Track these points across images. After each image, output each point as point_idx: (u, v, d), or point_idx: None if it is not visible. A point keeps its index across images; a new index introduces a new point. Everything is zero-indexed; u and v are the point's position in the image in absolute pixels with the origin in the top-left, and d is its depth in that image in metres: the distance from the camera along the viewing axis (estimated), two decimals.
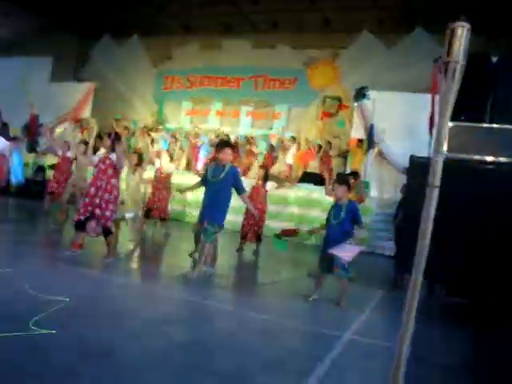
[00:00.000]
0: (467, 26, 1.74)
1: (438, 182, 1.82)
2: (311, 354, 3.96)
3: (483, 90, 6.42)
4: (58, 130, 16.30)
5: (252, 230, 9.05)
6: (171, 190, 10.10)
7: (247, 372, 3.41)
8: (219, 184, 6.17)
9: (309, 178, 13.30)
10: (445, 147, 1.85)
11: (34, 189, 14.15)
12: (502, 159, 6.17)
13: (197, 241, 6.65)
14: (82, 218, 6.40)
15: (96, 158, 6.76)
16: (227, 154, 6.25)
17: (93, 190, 6.43)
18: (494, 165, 6.20)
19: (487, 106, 6.35)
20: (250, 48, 17.59)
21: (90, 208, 6.38)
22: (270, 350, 3.94)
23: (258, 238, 9.15)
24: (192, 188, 7.00)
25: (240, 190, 6.38)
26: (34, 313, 3.83)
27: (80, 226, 6.47)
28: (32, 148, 16.92)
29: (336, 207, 5.91)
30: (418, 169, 6.87)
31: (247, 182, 9.22)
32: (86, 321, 4.00)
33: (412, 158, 7.16)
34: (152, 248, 9.29)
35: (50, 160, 13.73)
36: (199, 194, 7.12)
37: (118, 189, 6.61)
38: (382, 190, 13.14)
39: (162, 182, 9.93)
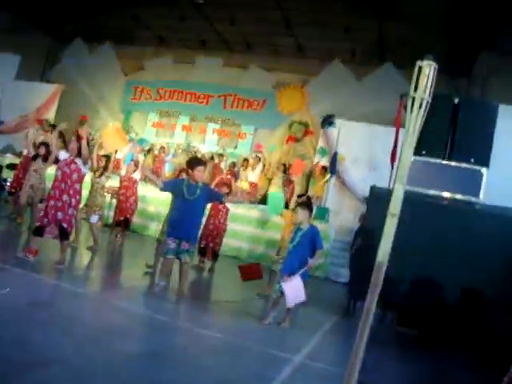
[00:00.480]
0: (434, 64, 1.82)
1: (398, 210, 1.88)
2: (262, 375, 3.95)
3: (444, 129, 6.66)
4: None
5: (209, 246, 9.03)
6: (137, 198, 10.01)
7: None
8: (195, 202, 6.11)
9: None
10: (406, 176, 1.91)
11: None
12: (458, 196, 6.40)
13: (158, 254, 6.63)
14: (45, 222, 6.29)
15: (62, 155, 6.65)
16: (200, 172, 6.23)
17: (57, 192, 6.32)
18: (450, 200, 6.43)
19: (447, 143, 6.58)
20: (221, 66, 17.69)
21: (52, 211, 6.27)
22: (222, 369, 3.92)
23: (215, 256, 9.11)
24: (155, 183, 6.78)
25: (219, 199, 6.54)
26: None
27: (39, 231, 6.35)
28: None
29: (296, 231, 5.96)
30: (377, 199, 7.01)
31: None
32: (30, 326, 3.89)
33: (373, 188, 7.32)
34: (109, 257, 9.09)
35: (9, 160, 13.41)
36: (160, 208, 7.15)
37: (80, 195, 6.54)
38: (341, 217, 13.31)
39: (130, 188, 9.85)
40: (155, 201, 11.77)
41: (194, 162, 6.54)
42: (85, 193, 7.64)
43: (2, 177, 12.43)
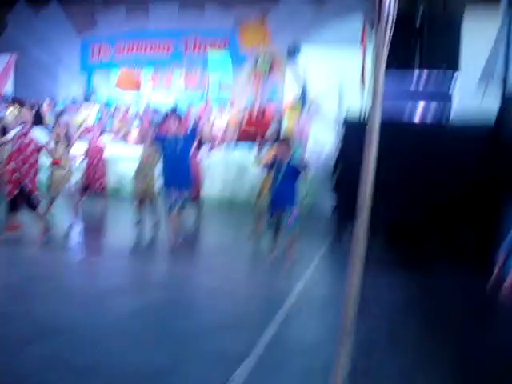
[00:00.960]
0: None
1: (376, 131, 1.89)
2: (266, 308, 4.10)
3: (410, 41, 6.64)
4: None
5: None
6: (105, 162, 9.83)
7: (205, 331, 3.48)
8: (181, 154, 6.25)
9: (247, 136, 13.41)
10: (380, 96, 1.91)
11: None
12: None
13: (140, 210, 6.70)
14: (16, 192, 6.21)
15: (10, 135, 6.50)
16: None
17: (13, 164, 6.22)
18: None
19: (415, 53, 6.58)
20: (177, 10, 17.09)
21: (10, 186, 6.21)
22: (226, 310, 4.03)
23: (198, 203, 9.12)
24: None
25: None
26: None
27: (13, 206, 6.29)
28: None
29: (279, 165, 6.00)
30: (351, 125, 7.08)
31: None
32: (34, 298, 3.93)
33: (347, 114, 7.38)
34: (92, 223, 9.08)
35: None
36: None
37: (38, 163, 6.45)
38: (320, 145, 13.35)
39: (95, 156, 9.63)
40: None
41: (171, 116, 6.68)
42: None
43: None
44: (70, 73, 18.46)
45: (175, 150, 6.15)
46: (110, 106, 15.93)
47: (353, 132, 6.99)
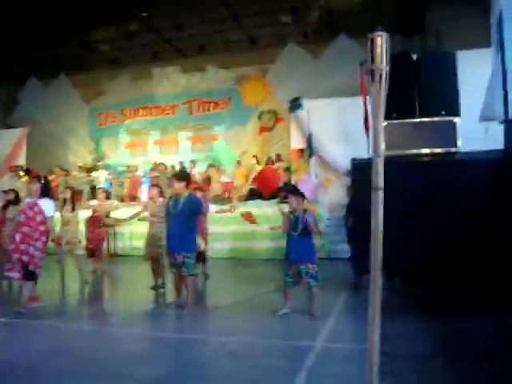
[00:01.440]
0: (385, 34, 1.84)
1: (381, 183, 1.89)
2: (286, 369, 3.96)
3: (408, 87, 6.70)
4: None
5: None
6: (104, 227, 9.64)
7: None
8: (178, 215, 6.17)
9: (255, 193, 13.48)
10: (383, 147, 1.93)
11: None
12: (437, 150, 6.48)
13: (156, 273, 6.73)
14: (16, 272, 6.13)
15: (23, 205, 6.55)
16: (175, 185, 6.31)
17: (18, 237, 6.15)
18: (430, 156, 6.51)
19: (415, 101, 6.62)
20: (179, 73, 17.63)
21: (17, 255, 6.10)
22: (245, 372, 3.92)
23: (204, 261, 9.02)
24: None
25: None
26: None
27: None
28: None
29: (296, 219, 5.96)
30: (360, 170, 7.06)
31: None
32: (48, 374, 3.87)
33: (353, 162, 7.36)
34: (102, 287, 9.02)
35: None
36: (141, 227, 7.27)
37: (46, 235, 6.33)
38: (329, 194, 13.38)
39: (95, 222, 9.52)
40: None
41: (172, 177, 6.68)
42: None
43: None
44: (80, 140, 18.90)
45: (175, 211, 6.18)
46: (119, 171, 16.14)
47: (361, 180, 6.97)
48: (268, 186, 13.50)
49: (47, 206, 6.32)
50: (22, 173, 16.26)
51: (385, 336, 2.23)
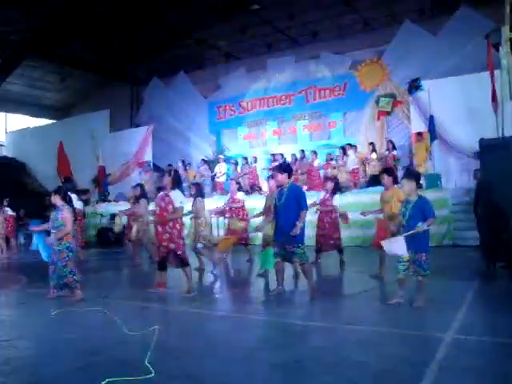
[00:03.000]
0: None
1: None
2: (416, 361, 3.82)
3: None
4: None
5: (327, 242, 8.89)
6: (247, 216, 10.01)
7: None
8: (284, 205, 6.22)
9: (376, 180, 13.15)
10: None
11: (112, 236, 14.78)
12: None
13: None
14: (163, 256, 6.66)
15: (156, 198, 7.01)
16: (277, 177, 6.43)
17: (160, 228, 6.63)
18: None
19: None
20: (294, 62, 17.62)
21: (164, 244, 6.57)
22: (376, 361, 3.84)
23: (339, 250, 8.97)
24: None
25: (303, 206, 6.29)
26: (137, 353, 3.95)
27: (161, 265, 6.73)
28: (103, 198, 17.69)
29: (406, 204, 5.72)
30: (490, 151, 6.62)
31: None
32: (190, 356, 4.07)
33: (482, 142, 6.90)
34: (232, 276, 9.33)
35: (123, 207, 14.22)
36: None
37: (179, 224, 6.69)
38: (454, 179, 12.72)
39: (236, 212, 9.89)
40: None
41: (273, 170, 6.75)
42: None
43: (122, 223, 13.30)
44: (201, 134, 19.70)
45: (279, 204, 6.27)
46: (239, 162, 16.54)
47: (492, 161, 6.52)
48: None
49: (177, 196, 6.65)
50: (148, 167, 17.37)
51: None
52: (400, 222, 5.85)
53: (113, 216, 15.52)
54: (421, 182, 6.51)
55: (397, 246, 5.51)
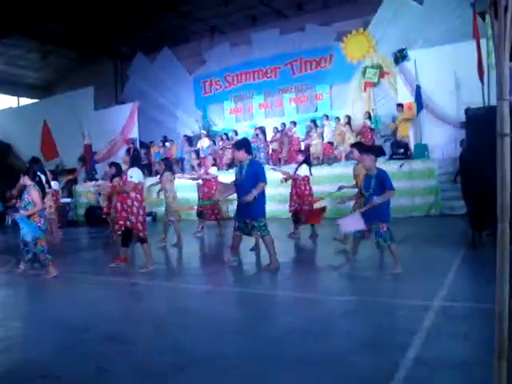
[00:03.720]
0: None
1: (507, 129, 1.72)
2: (404, 328, 3.87)
3: None
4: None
5: (302, 214, 9.03)
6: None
7: (345, 354, 3.36)
8: (243, 181, 6.31)
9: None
10: (507, 90, 1.74)
11: (100, 214, 14.68)
12: None
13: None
14: (119, 233, 6.86)
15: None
16: (234, 153, 6.64)
17: (119, 205, 6.83)
18: None
19: None
20: (279, 35, 17.41)
21: (121, 222, 6.74)
22: (362, 330, 3.88)
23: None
24: None
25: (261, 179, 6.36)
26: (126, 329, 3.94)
27: (122, 241, 6.92)
28: (91, 176, 17.54)
29: (366, 179, 5.80)
30: (476, 121, 6.60)
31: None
32: (172, 329, 4.08)
33: (468, 111, 6.88)
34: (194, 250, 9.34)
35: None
36: None
37: (138, 201, 6.77)
38: (440, 149, 12.74)
39: (208, 185, 10.04)
40: None
41: (233, 145, 6.97)
42: None
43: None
44: (187, 110, 19.53)
45: (239, 179, 6.40)
46: (227, 136, 16.42)
47: (478, 130, 6.51)
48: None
49: (133, 172, 6.75)
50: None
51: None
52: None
53: (99, 194, 15.45)
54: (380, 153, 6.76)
55: (352, 222, 5.68)
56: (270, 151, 15.42)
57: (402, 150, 12.36)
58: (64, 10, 16.00)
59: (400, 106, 13.48)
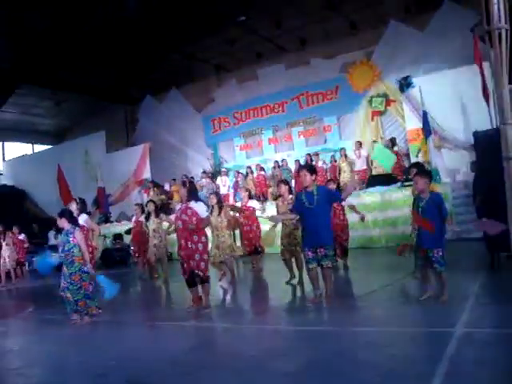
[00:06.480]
0: None
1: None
2: (427, 357, 3.80)
3: None
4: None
5: (337, 244, 8.76)
6: (259, 223, 9.77)
7: None
8: (316, 207, 5.97)
9: (376, 180, 13.19)
10: (509, 114, 1.77)
11: (116, 256, 14.75)
12: None
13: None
14: (186, 272, 6.32)
15: (172, 216, 6.76)
16: (305, 177, 6.10)
17: (182, 242, 6.28)
18: None
19: None
20: (284, 70, 17.69)
21: (185, 260, 6.26)
22: (384, 361, 3.82)
23: (345, 252, 8.96)
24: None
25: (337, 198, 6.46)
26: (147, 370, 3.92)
27: (189, 282, 6.40)
28: (105, 219, 17.67)
29: (418, 201, 5.67)
30: (484, 143, 6.60)
31: None
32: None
33: (476, 134, 6.89)
34: (250, 286, 9.18)
35: (125, 227, 14.23)
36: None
37: (205, 236, 6.40)
38: (452, 173, 12.70)
39: (250, 218, 9.67)
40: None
41: (298, 170, 6.59)
42: None
43: (126, 243, 13.34)
44: (197, 149, 19.73)
45: (311, 207, 5.94)
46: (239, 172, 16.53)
47: (486, 153, 6.50)
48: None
49: (200, 206, 6.37)
50: (149, 185, 17.35)
51: None
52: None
53: (116, 236, 15.55)
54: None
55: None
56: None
57: None
58: (72, 56, 16.37)
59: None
